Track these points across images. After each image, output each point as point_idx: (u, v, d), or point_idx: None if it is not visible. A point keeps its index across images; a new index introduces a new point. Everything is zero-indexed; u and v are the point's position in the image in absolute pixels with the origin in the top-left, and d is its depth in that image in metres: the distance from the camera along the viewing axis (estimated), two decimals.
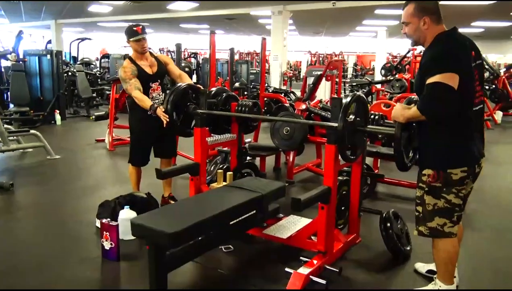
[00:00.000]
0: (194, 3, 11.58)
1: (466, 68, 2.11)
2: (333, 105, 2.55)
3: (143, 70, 3.56)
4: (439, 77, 2.01)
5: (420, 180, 2.27)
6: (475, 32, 15.92)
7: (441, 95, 2.03)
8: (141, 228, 2.20)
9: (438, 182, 2.18)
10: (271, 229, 3.05)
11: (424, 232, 2.27)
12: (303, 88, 6.82)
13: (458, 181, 2.17)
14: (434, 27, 2.17)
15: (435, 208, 2.22)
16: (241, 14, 12.89)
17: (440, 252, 2.28)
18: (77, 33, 20.10)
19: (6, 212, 3.97)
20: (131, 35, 3.54)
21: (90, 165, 5.77)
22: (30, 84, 8.63)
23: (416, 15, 2.18)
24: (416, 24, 2.19)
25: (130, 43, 3.57)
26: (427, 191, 2.23)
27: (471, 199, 2.42)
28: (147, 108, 3.40)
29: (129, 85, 3.47)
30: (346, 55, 21.85)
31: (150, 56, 3.68)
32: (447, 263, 2.30)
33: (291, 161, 4.81)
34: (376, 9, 11.47)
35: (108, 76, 12.26)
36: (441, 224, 2.22)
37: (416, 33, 2.22)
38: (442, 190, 2.19)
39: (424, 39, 2.22)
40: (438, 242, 2.28)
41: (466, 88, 2.09)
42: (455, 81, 2.01)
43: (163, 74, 3.76)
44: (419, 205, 2.29)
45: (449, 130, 2.16)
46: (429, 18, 2.16)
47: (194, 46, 20.94)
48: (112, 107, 6.65)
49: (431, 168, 2.21)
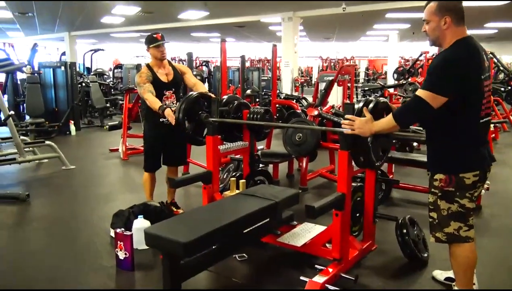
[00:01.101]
0: (205, 12, 11.67)
1: (468, 86, 2.06)
2: (346, 111, 2.53)
3: (158, 78, 3.63)
4: (424, 94, 2.06)
5: (432, 185, 2.23)
6: (488, 34, 15.73)
7: (419, 111, 2.12)
8: (155, 238, 2.20)
9: (450, 186, 2.15)
10: (285, 237, 3.03)
11: (442, 238, 2.23)
12: (315, 94, 6.80)
13: (471, 185, 2.13)
14: (454, 28, 2.10)
15: (449, 212, 2.18)
16: (251, 21, 12.94)
17: (459, 258, 2.23)
18: (90, 45, 20.44)
19: (23, 223, 4.01)
20: (151, 41, 3.62)
21: (104, 174, 5.82)
22: (45, 95, 8.78)
23: (438, 14, 2.11)
24: (436, 23, 2.12)
25: (150, 50, 3.64)
26: (440, 196, 2.19)
27: (487, 203, 2.38)
28: (156, 109, 3.46)
29: (142, 89, 3.55)
30: (358, 60, 21.76)
31: (168, 65, 3.74)
32: (466, 270, 2.25)
33: (304, 167, 4.78)
34: (387, 13, 11.41)
35: (121, 86, 12.40)
36: (456, 229, 2.18)
37: (435, 32, 2.15)
38: (456, 194, 2.15)
39: (443, 40, 2.14)
40: (456, 248, 2.23)
41: (470, 102, 2.09)
42: (438, 102, 2.04)
43: (179, 83, 3.79)
44: (433, 211, 2.25)
45: (459, 134, 2.14)
46: (451, 18, 2.09)
47: (205, 54, 21.14)
48: (126, 117, 6.71)
49: (443, 172, 2.17)
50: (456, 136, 2.14)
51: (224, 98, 3.84)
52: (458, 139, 2.14)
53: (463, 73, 2.04)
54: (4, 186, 5.07)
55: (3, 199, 4.44)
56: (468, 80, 2.05)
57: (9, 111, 5.42)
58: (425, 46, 16.35)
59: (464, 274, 2.26)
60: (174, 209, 3.86)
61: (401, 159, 4.36)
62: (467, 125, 2.13)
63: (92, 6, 10.80)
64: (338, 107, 6.31)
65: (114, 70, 15.29)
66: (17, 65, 6.33)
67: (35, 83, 8.40)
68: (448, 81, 2.04)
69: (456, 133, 2.14)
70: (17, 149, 5.37)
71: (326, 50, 21.95)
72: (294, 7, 11.18)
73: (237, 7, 11.11)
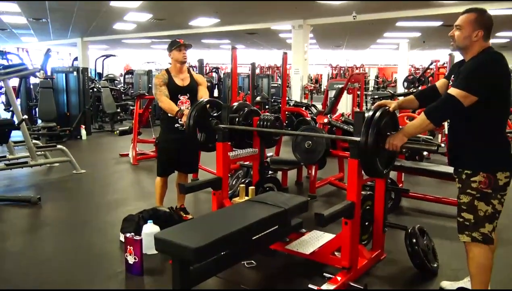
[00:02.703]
0: (215, 19, 11.77)
1: (499, 87, 2.18)
2: (356, 119, 2.54)
3: (173, 81, 3.68)
4: (456, 92, 2.15)
5: (468, 186, 2.24)
6: (500, 43, 15.63)
7: (451, 108, 2.21)
8: (165, 243, 2.21)
9: (489, 187, 2.19)
10: (294, 244, 3.03)
11: (478, 238, 2.24)
12: (324, 101, 6.80)
13: (503, 186, 2.21)
14: (482, 42, 2.24)
15: (487, 214, 2.22)
16: (262, 29, 13.01)
17: (482, 259, 2.25)
18: (102, 50, 20.67)
19: (34, 227, 4.06)
20: (173, 44, 3.71)
21: (114, 179, 5.86)
22: (57, 100, 8.90)
23: (473, 25, 2.22)
24: (468, 33, 2.23)
25: (172, 53, 3.71)
26: (479, 197, 2.22)
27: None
28: (173, 114, 3.51)
29: (158, 91, 3.61)
30: (367, 67, 21.71)
31: (186, 72, 3.80)
32: (487, 272, 2.27)
33: (313, 175, 4.78)
34: (398, 21, 11.40)
35: (132, 92, 12.51)
36: (490, 230, 2.23)
37: (465, 41, 2.26)
38: (492, 196, 2.21)
39: (469, 50, 2.27)
40: (482, 250, 2.24)
41: (502, 104, 2.23)
42: (468, 101, 2.14)
43: (194, 90, 3.80)
44: (466, 212, 2.26)
45: (497, 133, 2.25)
46: (482, 33, 2.22)
47: (216, 61, 21.26)
48: (136, 122, 6.76)
49: (483, 170, 2.21)
50: (495, 135, 2.24)
51: (235, 105, 3.86)
52: (496, 138, 2.25)
53: (494, 75, 2.17)
54: (16, 189, 5.14)
55: (15, 202, 4.50)
56: (499, 82, 2.18)
57: (22, 116, 5.50)
58: (435, 55, 16.33)
59: (486, 276, 2.27)
60: (183, 214, 3.87)
61: (411, 167, 4.34)
62: (503, 124, 2.27)
63: (105, 13, 10.94)
64: (348, 115, 6.31)
65: (125, 76, 15.43)
66: (31, 70, 6.41)
67: (48, 88, 8.53)
68: (479, 81, 2.15)
69: (495, 132, 2.24)
70: (29, 153, 5.45)
71: (336, 58, 21.95)
72: (305, 15, 11.23)
73: (248, 14, 11.19)
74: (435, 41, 15.95)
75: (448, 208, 4.07)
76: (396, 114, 2.69)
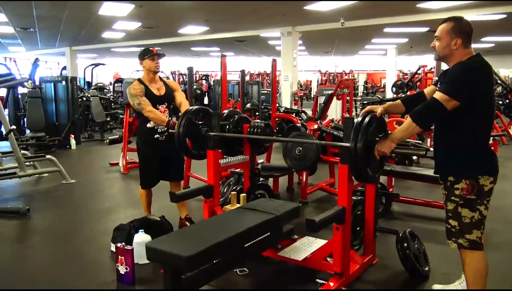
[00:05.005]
0: (205, 27, 11.80)
1: (481, 93, 2.21)
2: (345, 125, 2.56)
3: (151, 91, 3.62)
4: (440, 96, 2.19)
5: (452, 193, 2.27)
6: (486, 48, 15.86)
7: (434, 111, 2.23)
8: (157, 252, 2.20)
9: (472, 194, 2.21)
10: (286, 251, 3.03)
11: (464, 245, 2.26)
12: (314, 107, 6.84)
13: (488, 192, 2.22)
14: (462, 50, 2.26)
15: (473, 221, 2.23)
16: (251, 36, 13.07)
17: (478, 264, 2.27)
18: (91, 59, 20.58)
19: (23, 237, 4.01)
20: (146, 52, 3.65)
21: (104, 188, 5.82)
22: (45, 110, 8.81)
23: (450, 34, 2.25)
24: (447, 42, 2.27)
25: (144, 62, 3.64)
26: (462, 204, 2.24)
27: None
28: (162, 124, 3.49)
29: (142, 101, 3.52)
30: (356, 73, 21.88)
31: (159, 80, 3.76)
32: (482, 277, 2.28)
33: (304, 181, 4.79)
34: (385, 27, 11.53)
35: (121, 100, 12.46)
36: (478, 236, 2.24)
37: (445, 51, 2.29)
38: (477, 202, 2.22)
39: (450, 58, 2.30)
40: (475, 256, 2.26)
41: (485, 109, 2.24)
42: (451, 105, 2.17)
43: (170, 98, 3.77)
44: (452, 219, 2.28)
45: (475, 139, 2.25)
46: (461, 40, 2.24)
47: (205, 68, 21.28)
48: (126, 131, 6.73)
49: (463, 177, 2.22)
50: (478, 142, 2.25)
51: (225, 113, 3.87)
52: (479, 145, 2.26)
53: (477, 81, 2.19)
54: (5, 200, 5.07)
55: (4, 213, 4.44)
56: (480, 89, 2.20)
57: (10, 126, 5.44)
58: (423, 60, 16.52)
59: (482, 280, 2.28)
60: (189, 224, 3.74)
61: (401, 172, 4.38)
62: (485, 132, 2.29)
63: (94, 22, 10.90)
64: (338, 121, 6.35)
65: (115, 84, 15.38)
66: (19, 80, 6.38)
67: (36, 98, 8.44)
68: (461, 86, 2.19)
69: (478, 139, 2.25)
70: (18, 163, 5.38)
71: (325, 64, 22.11)
72: (293, 22, 11.30)
73: (237, 22, 11.23)
74: (422, 46, 16.14)
75: (438, 211, 4.10)
76: (384, 119, 2.71)
